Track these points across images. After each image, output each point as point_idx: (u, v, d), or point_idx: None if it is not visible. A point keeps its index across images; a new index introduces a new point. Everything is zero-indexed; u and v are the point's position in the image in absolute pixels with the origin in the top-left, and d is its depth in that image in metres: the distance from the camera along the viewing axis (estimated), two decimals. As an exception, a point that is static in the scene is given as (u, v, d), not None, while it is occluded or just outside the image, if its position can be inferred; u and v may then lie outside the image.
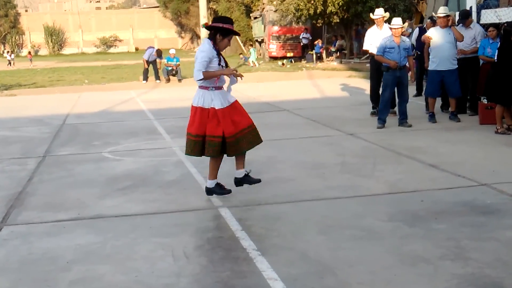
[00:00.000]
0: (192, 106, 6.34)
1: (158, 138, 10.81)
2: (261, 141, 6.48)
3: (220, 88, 6.32)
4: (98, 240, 5.30)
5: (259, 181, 6.57)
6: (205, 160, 7.39)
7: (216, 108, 6.20)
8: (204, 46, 6.27)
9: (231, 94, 6.42)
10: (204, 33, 25.36)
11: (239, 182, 6.54)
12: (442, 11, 11.14)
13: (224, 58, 6.40)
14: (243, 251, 4.87)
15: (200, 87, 6.30)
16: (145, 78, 24.57)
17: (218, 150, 6.24)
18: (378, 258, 4.60)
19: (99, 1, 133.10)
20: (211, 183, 6.48)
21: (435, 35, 11.07)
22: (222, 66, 6.30)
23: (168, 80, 24.25)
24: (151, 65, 24.38)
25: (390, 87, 10.87)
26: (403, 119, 10.92)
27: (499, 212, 5.64)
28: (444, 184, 6.75)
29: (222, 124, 6.19)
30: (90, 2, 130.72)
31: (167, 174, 7.86)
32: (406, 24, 11.11)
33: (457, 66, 11.04)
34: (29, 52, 52.21)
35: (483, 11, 13.68)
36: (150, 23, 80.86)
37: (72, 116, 14.54)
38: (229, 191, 6.49)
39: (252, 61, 33.18)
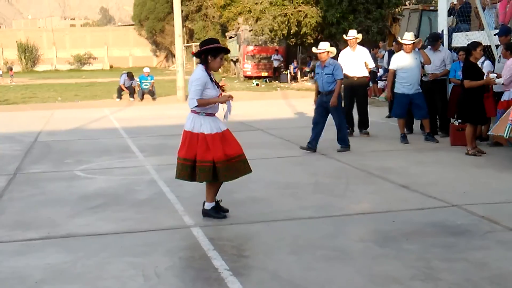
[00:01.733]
0: (184, 130, 6.31)
1: (131, 156, 10.75)
2: (250, 171, 6.42)
3: (211, 114, 6.28)
4: (68, 259, 5.23)
5: (226, 211, 6.50)
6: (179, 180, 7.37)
7: (205, 133, 6.17)
8: (198, 73, 6.21)
9: (223, 123, 6.36)
10: (179, 51, 25.40)
11: (206, 214, 6.44)
12: (408, 37, 11.33)
13: (216, 81, 6.35)
14: (215, 271, 4.85)
15: (192, 111, 6.27)
16: (119, 96, 24.48)
17: (209, 175, 6.17)
18: (349, 279, 4.61)
19: (73, 19, 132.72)
20: (207, 205, 6.43)
21: (403, 60, 11.23)
22: (218, 90, 6.27)
23: (142, 99, 24.16)
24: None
25: (315, 111, 10.82)
26: (340, 146, 10.65)
27: (469, 233, 5.70)
28: (415, 204, 6.81)
29: (212, 149, 6.14)
30: (65, 19, 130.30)
31: (139, 193, 7.81)
32: (334, 49, 10.73)
33: (420, 90, 11.23)
34: (11, 69, 51.97)
35: (454, 35, 13.91)
36: (125, 41, 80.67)
37: (44, 133, 14.40)
38: (224, 217, 6.41)
39: None
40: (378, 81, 21.40)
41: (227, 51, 6.49)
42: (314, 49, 10.81)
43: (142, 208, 7.01)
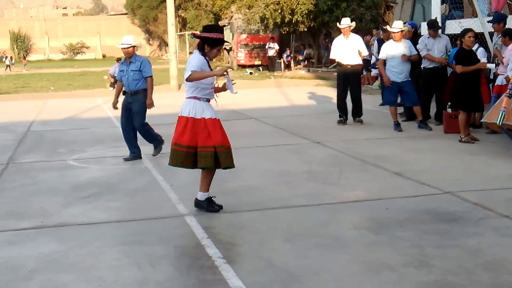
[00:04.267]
0: (182, 116, 6.09)
1: (124, 145, 10.67)
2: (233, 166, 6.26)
3: (209, 100, 6.18)
4: (61, 249, 5.22)
5: (220, 208, 6.30)
6: (173, 167, 7.38)
7: (206, 118, 6.05)
8: (195, 55, 6.11)
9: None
10: (172, 40, 25.30)
11: (199, 204, 6.29)
12: (397, 25, 11.34)
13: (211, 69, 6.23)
14: (209, 259, 4.84)
15: (190, 97, 6.10)
16: (113, 85, 24.35)
17: (211, 160, 6.03)
18: (343, 266, 4.62)
19: (66, 8, 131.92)
20: (201, 196, 6.25)
21: (393, 49, 11.24)
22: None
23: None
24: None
25: (121, 115, 9.48)
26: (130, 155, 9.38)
27: (462, 219, 5.71)
28: (408, 192, 6.82)
29: (212, 135, 6.04)
30: (57, 8, 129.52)
31: (132, 182, 7.79)
32: (140, 43, 9.56)
33: (409, 78, 11.23)
34: (24, 57, 52.42)
35: (447, 22, 13.91)
36: (117, 30, 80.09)
37: (37, 123, 14.34)
38: (218, 209, 6.26)
39: None
40: (372, 69, 21.37)
41: (224, 42, 6.30)
42: (117, 45, 9.46)
43: (136, 197, 7.00)
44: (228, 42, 6.34)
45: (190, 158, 6.08)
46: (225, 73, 6.01)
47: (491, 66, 9.79)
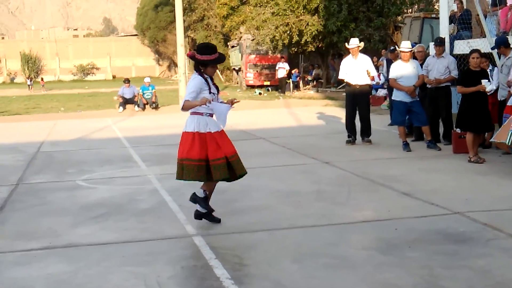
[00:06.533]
0: (186, 132, 6.36)
1: (134, 166, 10.74)
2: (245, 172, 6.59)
3: (211, 115, 6.45)
4: (69, 269, 5.22)
5: (219, 220, 6.58)
6: (181, 188, 7.37)
7: (213, 131, 6.33)
8: (193, 77, 6.43)
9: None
10: (181, 60, 25.43)
11: (195, 199, 6.54)
12: (405, 45, 11.40)
13: (215, 85, 6.50)
14: (217, 280, 4.83)
15: (194, 113, 6.37)
16: (123, 106, 24.37)
17: (226, 171, 6.31)
18: (352, 287, 4.59)
19: (76, 29, 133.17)
20: (201, 193, 6.49)
21: (401, 68, 11.29)
22: (213, 93, 6.41)
23: (144, 109, 24.08)
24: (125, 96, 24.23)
25: None
26: None
27: (471, 240, 5.68)
28: (417, 212, 6.79)
29: (222, 146, 6.32)
30: (68, 30, 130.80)
31: (141, 202, 7.80)
32: None
33: (418, 98, 11.24)
34: (42, 79, 53.90)
35: (456, 42, 13.94)
36: (127, 51, 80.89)
37: (47, 143, 14.41)
38: (219, 220, 6.55)
39: None
40: (379, 89, 21.40)
41: (218, 62, 6.52)
42: None
43: (144, 218, 7.00)
44: (219, 61, 6.57)
45: (202, 170, 6.29)
46: (207, 104, 6.24)
47: (491, 88, 9.69)
